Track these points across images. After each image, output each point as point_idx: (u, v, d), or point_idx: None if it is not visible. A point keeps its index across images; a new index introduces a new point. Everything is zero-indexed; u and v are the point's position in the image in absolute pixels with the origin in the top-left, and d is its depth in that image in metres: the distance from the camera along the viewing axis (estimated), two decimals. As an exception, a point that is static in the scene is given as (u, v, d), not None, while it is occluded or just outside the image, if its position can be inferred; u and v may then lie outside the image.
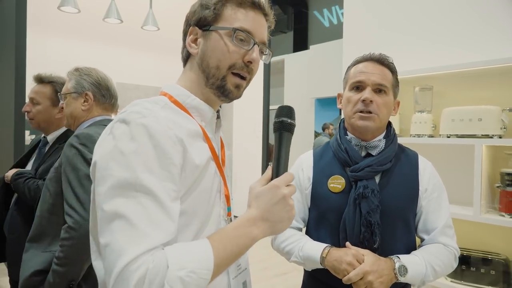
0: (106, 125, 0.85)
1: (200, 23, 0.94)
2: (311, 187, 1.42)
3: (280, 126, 0.91)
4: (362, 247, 1.28)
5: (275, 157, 0.90)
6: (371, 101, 1.31)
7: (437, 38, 2.42)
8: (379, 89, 1.34)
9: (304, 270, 1.47)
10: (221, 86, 0.93)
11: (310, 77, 11.13)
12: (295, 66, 11.84)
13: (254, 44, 0.93)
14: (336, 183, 1.36)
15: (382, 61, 1.38)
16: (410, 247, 1.35)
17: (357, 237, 1.29)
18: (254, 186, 0.87)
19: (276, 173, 0.88)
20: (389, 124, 1.45)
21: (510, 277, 1.99)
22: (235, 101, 1.00)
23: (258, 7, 0.94)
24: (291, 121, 0.92)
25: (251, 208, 0.84)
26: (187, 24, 0.97)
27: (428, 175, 1.38)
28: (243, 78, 0.95)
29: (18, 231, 1.90)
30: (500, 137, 2.03)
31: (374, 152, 1.35)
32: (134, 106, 0.84)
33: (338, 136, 1.42)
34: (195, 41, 0.95)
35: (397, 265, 1.23)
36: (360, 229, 1.29)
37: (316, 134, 10.40)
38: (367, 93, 1.32)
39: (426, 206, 1.36)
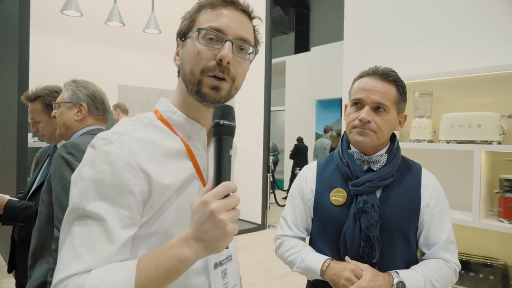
0: (95, 134, 0.87)
1: (181, 34, 0.94)
2: (313, 198, 1.43)
3: (218, 130, 0.80)
4: (362, 261, 1.29)
5: (215, 165, 0.79)
6: (368, 121, 1.31)
7: (437, 43, 2.44)
8: (378, 107, 1.32)
9: (308, 281, 1.49)
10: (198, 91, 0.88)
11: (311, 78, 11.14)
12: (296, 68, 11.86)
13: (226, 41, 0.87)
14: (338, 196, 1.37)
15: (386, 77, 1.35)
16: (410, 262, 1.35)
17: (357, 251, 1.30)
18: (193, 201, 0.78)
19: (217, 184, 0.78)
20: (393, 137, 1.43)
21: (509, 282, 2.01)
22: (236, 103, 0.99)
23: (230, 3, 0.90)
24: (230, 123, 0.81)
25: (188, 227, 0.78)
26: (176, 36, 0.97)
27: (430, 189, 1.37)
28: (221, 79, 0.88)
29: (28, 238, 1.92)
30: (499, 143, 2.04)
31: (375, 167, 1.35)
32: (114, 128, 0.88)
33: (341, 149, 1.43)
34: (177, 53, 0.95)
35: (395, 281, 1.24)
36: (360, 243, 1.30)
37: (317, 136, 10.40)
38: (364, 113, 1.31)
39: (427, 221, 1.35)
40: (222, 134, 0.80)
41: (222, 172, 0.78)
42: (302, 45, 13.65)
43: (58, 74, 5.57)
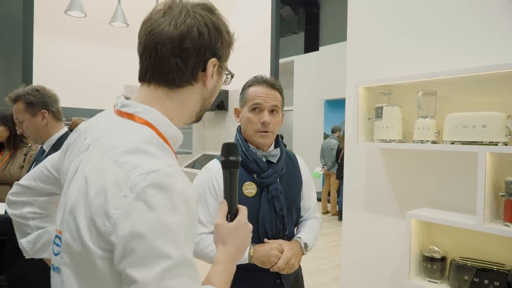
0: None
1: (222, 59, 0.94)
2: None
3: (229, 164, 1.04)
4: (277, 235, 1.66)
5: (228, 193, 1.03)
6: (269, 122, 1.63)
7: (441, 42, 2.37)
8: (273, 110, 1.66)
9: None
10: (200, 118, 1.00)
11: (320, 78, 11.05)
12: (304, 67, 11.78)
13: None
14: (250, 188, 1.65)
15: (274, 86, 1.68)
16: (297, 223, 1.83)
17: (274, 229, 1.65)
18: (223, 223, 0.99)
19: (230, 207, 1.02)
20: (277, 135, 1.78)
21: (514, 288, 1.93)
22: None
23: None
24: (237, 158, 1.05)
25: (228, 245, 0.96)
26: (209, 51, 0.89)
27: (304, 169, 1.85)
28: None
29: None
30: (506, 144, 1.97)
31: (274, 160, 1.70)
32: (148, 158, 0.77)
33: (244, 149, 1.67)
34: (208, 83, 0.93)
35: (302, 244, 1.70)
36: (276, 222, 1.65)
37: (325, 136, 10.30)
38: (266, 117, 1.63)
39: (305, 192, 1.84)
40: (231, 167, 1.03)
41: (235, 197, 1.03)
42: (311, 45, 13.55)
43: (63, 76, 5.63)
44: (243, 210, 1.02)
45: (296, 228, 1.84)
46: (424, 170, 2.42)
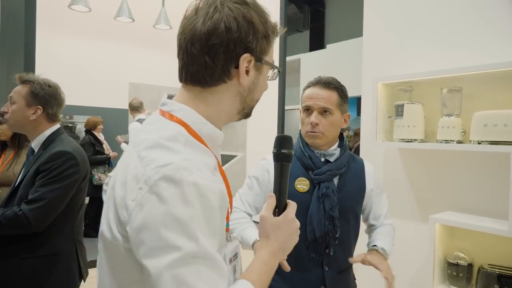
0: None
1: (258, 53, 0.88)
2: None
3: (282, 157, 0.99)
4: (327, 237, 1.59)
5: (278, 187, 0.98)
6: (316, 123, 1.62)
7: (466, 35, 2.23)
8: (324, 111, 1.63)
9: None
10: (249, 114, 0.97)
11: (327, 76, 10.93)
12: (311, 66, 11.67)
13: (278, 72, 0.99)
14: (302, 184, 1.63)
15: (328, 85, 1.66)
16: (356, 233, 1.73)
17: (323, 229, 1.58)
18: (268, 216, 0.93)
19: (279, 201, 0.96)
20: (341, 135, 1.74)
21: (550, 299, 1.80)
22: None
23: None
24: (289, 152, 0.99)
25: (271, 240, 0.91)
26: (239, 46, 0.85)
27: (372, 177, 1.75)
28: None
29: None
30: (540, 144, 1.83)
31: (332, 159, 1.66)
32: (165, 152, 0.78)
33: (301, 145, 1.69)
34: (248, 73, 0.88)
35: (380, 250, 1.61)
36: (325, 222, 1.59)
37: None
38: (313, 117, 1.63)
39: (372, 202, 1.76)
40: (283, 161, 0.99)
41: (285, 192, 0.98)
42: (317, 43, 13.43)
43: (66, 73, 5.52)
44: (292, 206, 0.96)
45: (368, 238, 1.77)
46: (447, 171, 2.28)
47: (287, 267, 1.38)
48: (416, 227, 2.41)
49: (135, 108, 5.08)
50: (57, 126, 1.97)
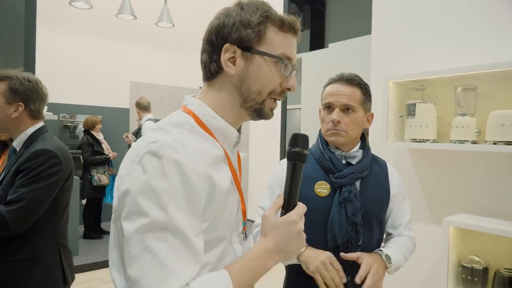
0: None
1: (241, 43, 0.91)
2: None
3: (295, 156, 0.95)
4: (349, 245, 1.48)
5: (288, 187, 0.94)
6: (338, 121, 1.52)
7: (481, 31, 2.17)
8: (347, 108, 1.54)
9: (288, 267, 1.61)
10: (259, 110, 0.95)
11: (329, 75, 10.85)
12: (313, 65, 11.61)
13: (292, 70, 0.95)
14: (323, 188, 1.53)
15: (351, 81, 1.56)
16: (379, 240, 1.63)
17: (345, 236, 1.48)
18: (270, 215, 0.92)
19: (288, 202, 0.93)
20: (363, 136, 1.65)
21: None
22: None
23: (296, 33, 0.96)
24: (302, 151, 0.95)
25: (267, 238, 0.89)
26: (220, 38, 0.92)
27: (396, 181, 1.65)
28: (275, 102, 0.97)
29: None
30: (559, 145, 1.77)
31: (353, 162, 1.56)
32: (161, 133, 0.85)
33: (321, 146, 1.60)
34: (232, 60, 0.92)
35: (383, 256, 1.48)
36: (347, 228, 1.48)
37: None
38: (335, 115, 1.53)
39: (394, 208, 1.64)
40: (295, 160, 0.94)
41: (295, 193, 0.93)
42: (317, 43, 13.39)
43: (66, 71, 5.45)
44: (299, 208, 0.93)
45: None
46: (461, 172, 2.22)
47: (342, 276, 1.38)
48: (428, 229, 2.35)
49: (145, 107, 4.91)
50: (40, 124, 1.89)
